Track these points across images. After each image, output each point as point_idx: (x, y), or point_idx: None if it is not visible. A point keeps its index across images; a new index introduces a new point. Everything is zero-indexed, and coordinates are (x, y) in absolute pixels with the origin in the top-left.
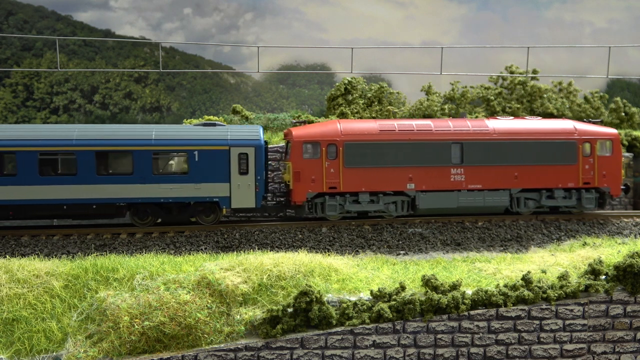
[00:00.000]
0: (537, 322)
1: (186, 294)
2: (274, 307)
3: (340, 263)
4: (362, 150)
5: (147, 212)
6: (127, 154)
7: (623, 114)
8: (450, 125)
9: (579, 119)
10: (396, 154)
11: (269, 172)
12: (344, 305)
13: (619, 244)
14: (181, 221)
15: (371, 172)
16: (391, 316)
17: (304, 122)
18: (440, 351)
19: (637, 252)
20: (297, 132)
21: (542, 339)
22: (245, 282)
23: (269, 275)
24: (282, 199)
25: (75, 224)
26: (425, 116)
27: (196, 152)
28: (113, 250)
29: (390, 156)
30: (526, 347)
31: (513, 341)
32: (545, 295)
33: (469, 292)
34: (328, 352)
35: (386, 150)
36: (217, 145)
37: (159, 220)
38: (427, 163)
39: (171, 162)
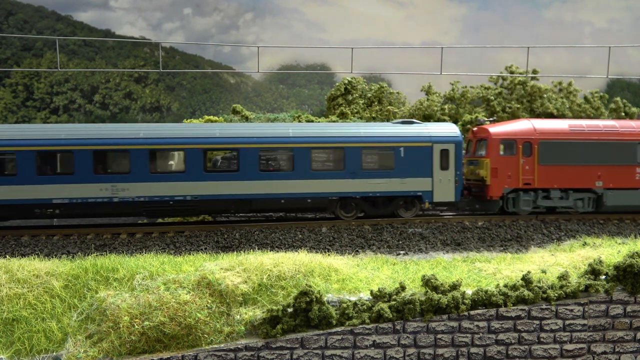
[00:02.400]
0: (537, 322)
1: (186, 294)
2: (274, 307)
3: (340, 263)
4: (555, 149)
5: (353, 206)
6: (339, 150)
7: (623, 114)
8: (634, 125)
9: (580, 119)
10: (586, 153)
11: None
12: (344, 305)
13: (619, 244)
14: (383, 214)
15: (563, 170)
16: (391, 316)
17: (494, 121)
18: (440, 351)
19: (637, 252)
20: (494, 130)
21: (542, 339)
22: (245, 282)
23: (269, 275)
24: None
25: (75, 224)
26: (425, 116)
27: (401, 149)
28: (113, 250)
29: (580, 154)
30: (526, 347)
31: (513, 341)
32: (545, 295)
33: (469, 292)
34: (328, 352)
35: (576, 149)
36: (420, 142)
37: (362, 214)
38: (614, 162)
39: (377, 158)
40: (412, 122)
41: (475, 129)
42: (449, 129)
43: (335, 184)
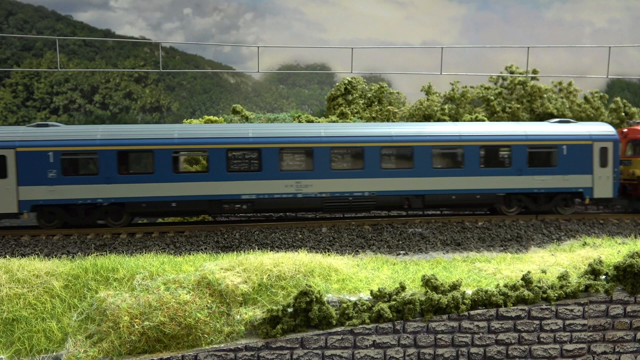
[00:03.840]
0: (537, 322)
1: (186, 294)
2: (274, 307)
3: (340, 263)
4: None
5: (516, 202)
6: (506, 148)
7: (623, 114)
8: None
9: (581, 119)
10: None
11: None
12: (344, 305)
13: (619, 244)
14: (544, 211)
15: None
16: (391, 316)
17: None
18: (440, 351)
19: (637, 252)
20: None
21: (542, 339)
22: (245, 282)
23: (269, 275)
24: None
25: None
26: (425, 116)
27: (564, 147)
28: (113, 250)
29: None
30: (526, 347)
31: (513, 341)
32: (545, 295)
33: (469, 292)
34: (328, 352)
35: None
36: (582, 140)
37: (523, 210)
38: None
39: (542, 155)
40: (569, 121)
41: (625, 130)
42: (606, 128)
43: (503, 181)
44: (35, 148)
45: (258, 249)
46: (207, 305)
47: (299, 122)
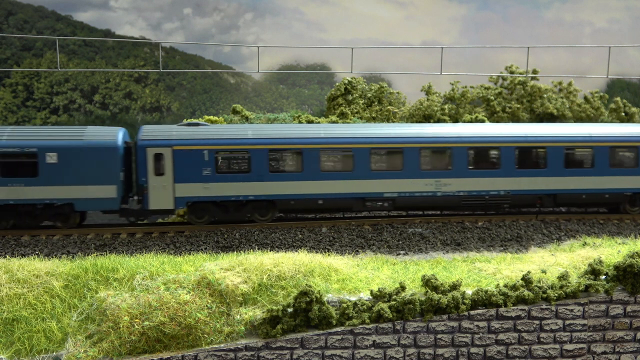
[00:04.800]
0: (537, 322)
1: (186, 294)
2: (274, 307)
3: (340, 263)
4: None
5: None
6: (633, 149)
7: (623, 114)
8: None
9: (581, 119)
10: None
11: None
12: (344, 305)
13: (619, 244)
14: None
15: None
16: (391, 316)
17: None
18: (440, 351)
19: (637, 252)
20: None
21: (542, 339)
22: (245, 282)
23: (269, 275)
24: None
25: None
26: (425, 116)
27: None
28: (113, 250)
29: None
30: (526, 347)
31: (513, 341)
32: (545, 295)
33: (469, 292)
34: (328, 352)
35: None
36: None
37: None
38: None
39: None
40: None
41: None
42: None
43: (631, 181)
44: (191, 147)
45: (258, 249)
46: (207, 305)
47: (299, 122)
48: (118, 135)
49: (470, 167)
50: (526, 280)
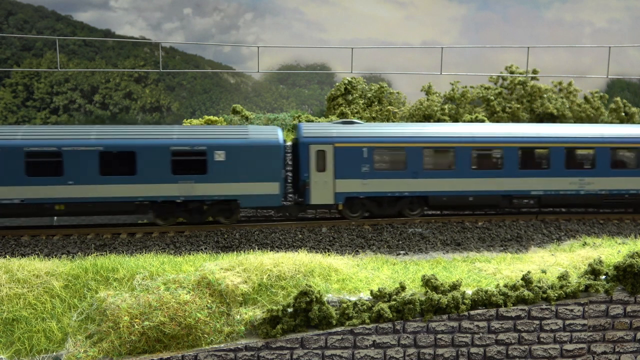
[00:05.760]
0: (537, 322)
1: (186, 294)
2: (274, 307)
3: (340, 263)
4: None
5: None
6: None
7: (623, 114)
8: None
9: (581, 119)
10: None
11: None
12: (344, 305)
13: (619, 244)
14: None
15: None
16: (391, 316)
17: None
18: (440, 351)
19: (637, 252)
20: None
21: (542, 339)
22: (245, 282)
23: (269, 275)
24: None
25: (75, 224)
26: (425, 116)
27: None
28: (113, 250)
29: None
30: (526, 347)
31: (513, 341)
32: (545, 295)
33: (469, 292)
34: (328, 352)
35: None
36: None
37: None
38: None
39: None
40: None
41: None
42: None
43: None
44: (351, 144)
45: (258, 249)
46: (207, 305)
47: (299, 122)
48: (279, 134)
49: (613, 166)
50: (526, 280)
